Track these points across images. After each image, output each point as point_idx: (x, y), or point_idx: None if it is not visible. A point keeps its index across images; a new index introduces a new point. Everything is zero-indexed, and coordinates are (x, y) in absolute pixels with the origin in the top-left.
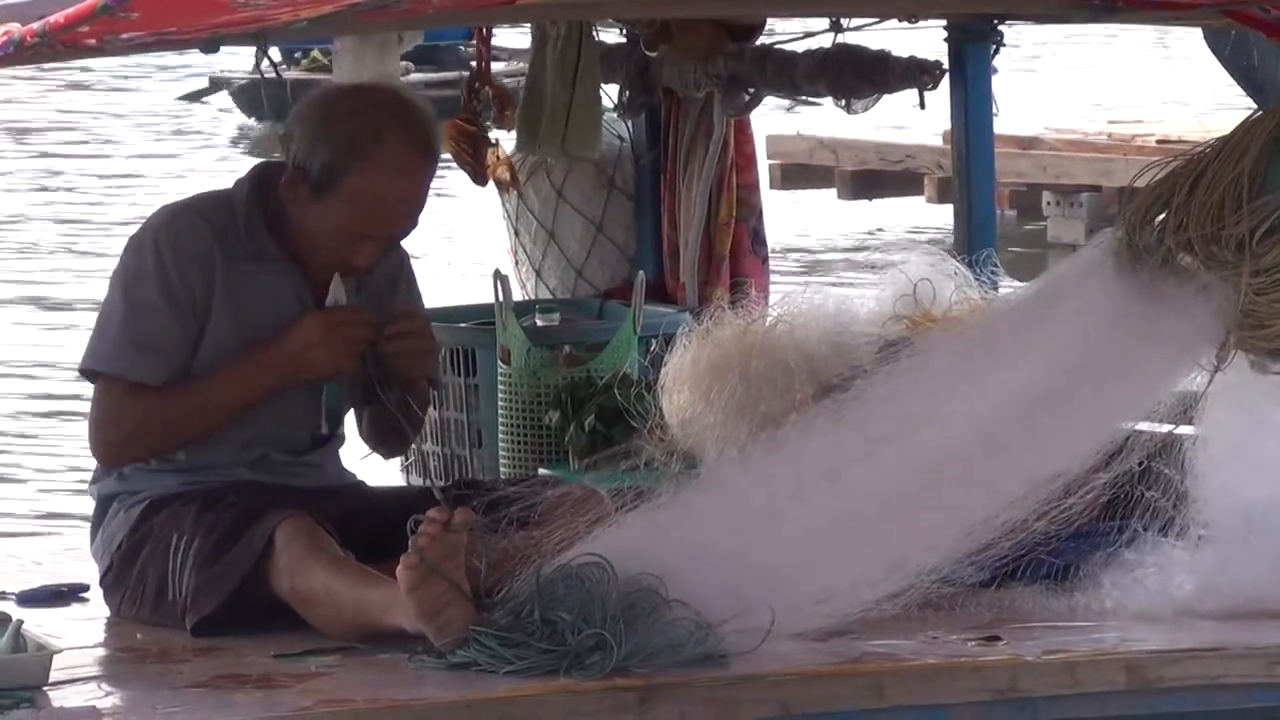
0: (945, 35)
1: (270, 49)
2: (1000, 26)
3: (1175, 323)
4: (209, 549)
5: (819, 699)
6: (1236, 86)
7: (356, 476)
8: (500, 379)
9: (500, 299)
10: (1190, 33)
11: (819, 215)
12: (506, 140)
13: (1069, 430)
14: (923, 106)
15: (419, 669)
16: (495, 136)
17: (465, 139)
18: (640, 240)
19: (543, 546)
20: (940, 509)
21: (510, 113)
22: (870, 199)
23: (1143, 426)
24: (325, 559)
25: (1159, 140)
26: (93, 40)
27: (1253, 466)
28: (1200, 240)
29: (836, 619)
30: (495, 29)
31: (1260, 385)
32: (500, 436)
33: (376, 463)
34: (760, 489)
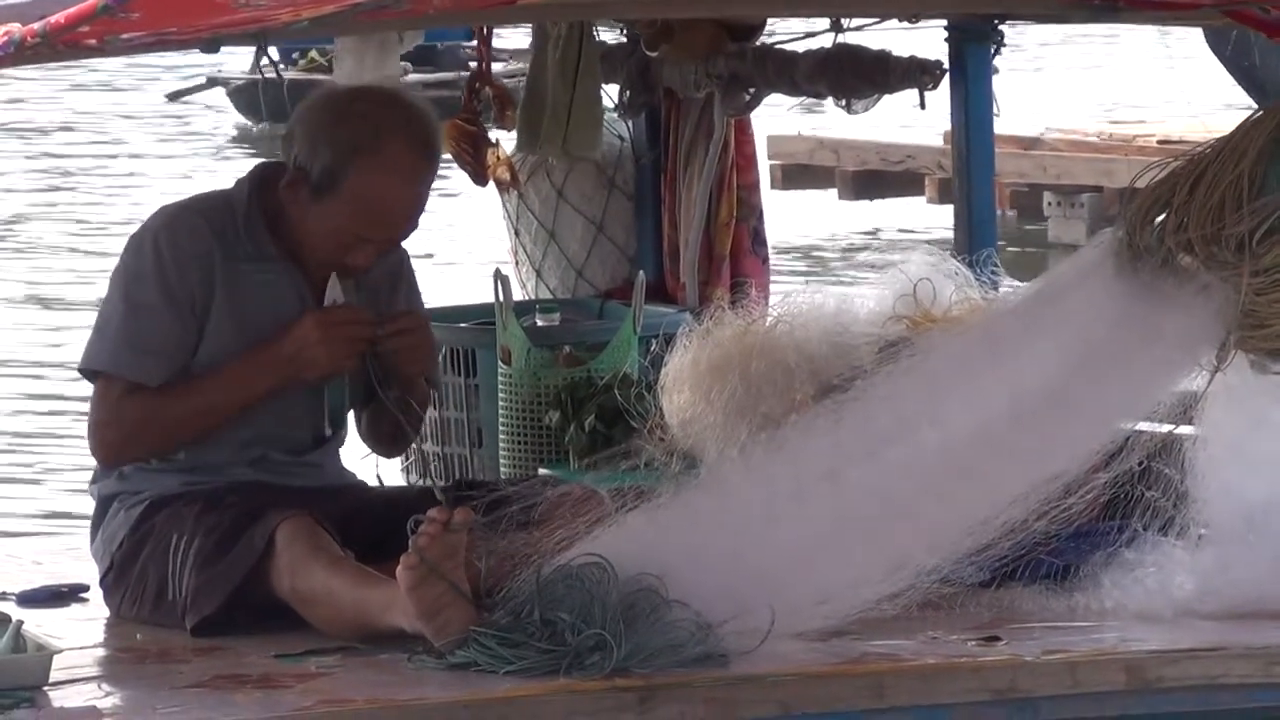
0: (946, 35)
1: (270, 49)
2: (1001, 26)
3: (1175, 323)
4: (209, 549)
5: (819, 699)
6: (1238, 87)
7: (357, 476)
8: (500, 379)
9: (500, 299)
10: (1191, 33)
11: (820, 215)
12: (507, 140)
13: (1069, 430)
14: (923, 106)
15: (419, 669)
16: (495, 136)
17: (466, 139)
18: (640, 240)
19: (543, 546)
20: (940, 509)
21: (511, 113)
22: (871, 199)
23: (1143, 426)
24: (325, 559)
25: (1160, 141)
26: (93, 40)
27: (1253, 466)
28: (1200, 240)
29: (836, 619)
30: (496, 29)
31: (1260, 385)
32: (500, 436)
33: (376, 463)
34: (760, 489)
